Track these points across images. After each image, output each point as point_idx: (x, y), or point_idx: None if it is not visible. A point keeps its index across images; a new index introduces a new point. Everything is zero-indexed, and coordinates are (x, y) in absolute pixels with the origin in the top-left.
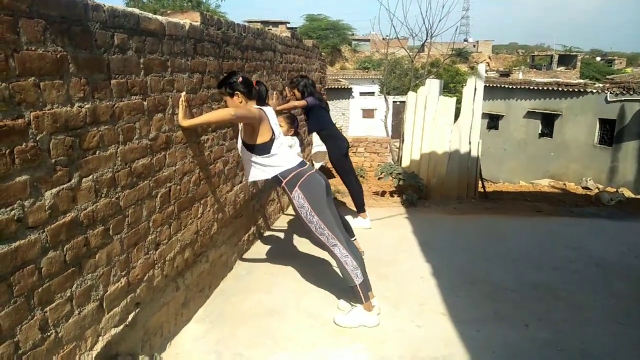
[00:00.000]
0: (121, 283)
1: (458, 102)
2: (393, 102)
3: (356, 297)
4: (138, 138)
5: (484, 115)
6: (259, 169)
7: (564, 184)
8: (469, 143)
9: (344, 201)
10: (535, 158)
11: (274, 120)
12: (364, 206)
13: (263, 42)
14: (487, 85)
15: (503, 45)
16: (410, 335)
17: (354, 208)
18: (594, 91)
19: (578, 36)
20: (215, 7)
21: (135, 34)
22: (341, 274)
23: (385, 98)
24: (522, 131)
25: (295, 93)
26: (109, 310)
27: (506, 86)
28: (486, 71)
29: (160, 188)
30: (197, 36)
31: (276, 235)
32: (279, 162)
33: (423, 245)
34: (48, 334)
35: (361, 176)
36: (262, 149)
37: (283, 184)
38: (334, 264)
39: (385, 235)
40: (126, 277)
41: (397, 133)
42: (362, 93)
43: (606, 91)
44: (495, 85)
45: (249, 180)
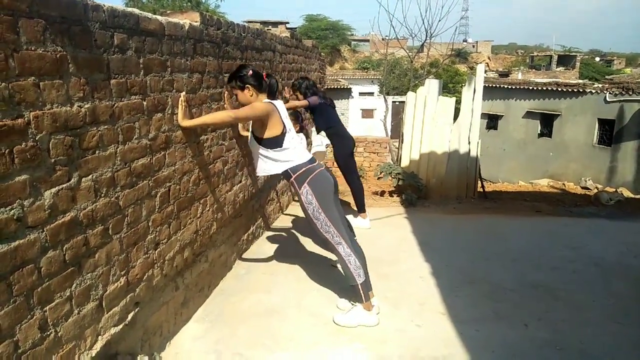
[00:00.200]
0: (120, 282)
1: (457, 102)
2: (392, 102)
3: (357, 296)
4: (137, 138)
5: (483, 115)
6: (270, 163)
7: (563, 184)
8: (468, 143)
9: (348, 201)
10: (534, 158)
11: (285, 113)
12: (365, 206)
13: (262, 43)
14: (487, 85)
15: (502, 45)
16: (410, 334)
17: (354, 207)
18: (593, 91)
19: (577, 36)
20: (214, 7)
21: (134, 34)
22: (343, 273)
23: (384, 98)
24: (522, 131)
25: (297, 96)
26: (109, 309)
27: (505, 86)
28: (485, 71)
29: (159, 188)
30: (197, 36)
31: (276, 234)
32: (290, 157)
33: (422, 245)
34: (47, 334)
35: (361, 176)
36: (274, 143)
37: (292, 179)
38: (334, 263)
39: (384, 235)
40: (125, 277)
41: (397, 133)
42: (362, 93)
43: (605, 91)
44: (494, 85)
45: (258, 174)
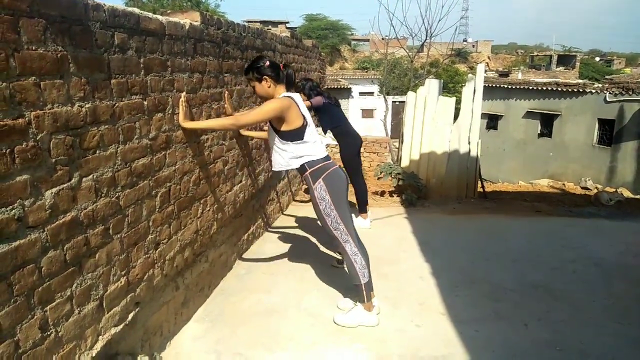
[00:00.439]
0: (121, 282)
1: (457, 102)
2: (392, 102)
3: (359, 296)
4: (138, 138)
5: (483, 115)
6: (288, 157)
7: (563, 184)
8: (468, 143)
9: (352, 201)
10: (534, 158)
11: (303, 106)
12: (366, 207)
13: (263, 42)
14: (487, 85)
15: (502, 45)
16: (409, 334)
17: (355, 207)
18: (593, 91)
19: (577, 36)
20: (214, 7)
21: (135, 34)
22: (348, 271)
23: (384, 98)
24: (521, 131)
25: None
26: (109, 309)
27: (505, 86)
28: (485, 71)
29: (160, 188)
30: (197, 36)
31: (276, 235)
32: (309, 151)
33: (422, 245)
34: (48, 333)
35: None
36: (294, 135)
37: (307, 173)
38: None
39: (384, 235)
40: (126, 277)
41: (397, 133)
42: (362, 93)
43: (605, 91)
44: (494, 85)
45: (275, 169)
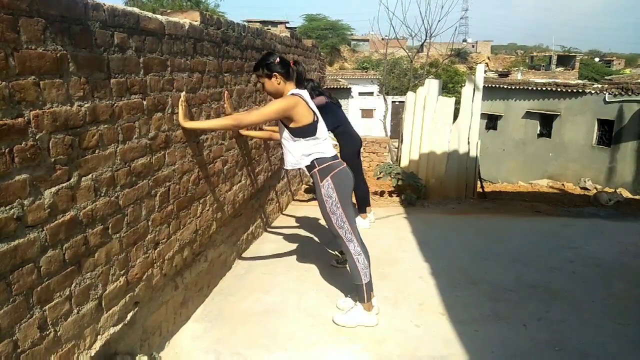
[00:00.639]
0: (120, 282)
1: (457, 103)
2: (392, 102)
3: (359, 296)
4: (137, 137)
5: (483, 115)
6: (299, 155)
7: (563, 185)
8: (468, 143)
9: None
10: (533, 158)
11: (312, 103)
12: (366, 207)
13: (262, 42)
14: (486, 85)
15: (502, 45)
16: (409, 334)
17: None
18: (593, 92)
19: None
20: (214, 7)
21: (135, 34)
22: (350, 270)
23: (384, 98)
24: (521, 131)
25: None
26: (108, 309)
27: (505, 86)
28: (485, 71)
29: (159, 187)
30: (197, 36)
31: (275, 234)
32: (320, 149)
33: (422, 245)
34: (47, 333)
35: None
36: (305, 132)
37: (315, 170)
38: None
39: (384, 235)
40: (125, 276)
41: (396, 133)
42: (361, 93)
43: (605, 92)
44: (494, 85)
45: (287, 167)
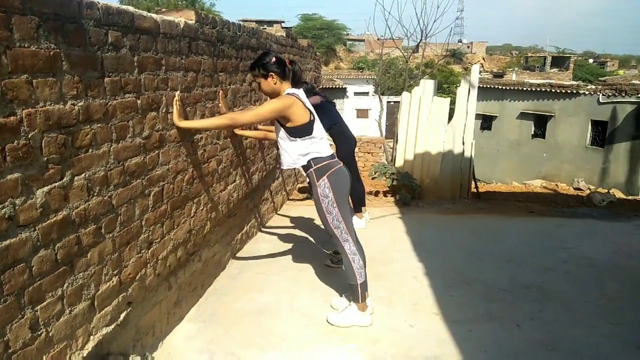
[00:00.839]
0: (113, 282)
1: (452, 103)
2: (387, 102)
3: (354, 296)
4: (131, 136)
5: (478, 116)
6: (295, 155)
7: (556, 185)
8: (463, 143)
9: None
10: (528, 159)
11: (308, 102)
12: (362, 207)
13: (258, 41)
14: (481, 86)
15: (497, 46)
16: (403, 334)
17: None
18: (587, 93)
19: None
20: (210, 6)
21: (129, 32)
22: (345, 270)
23: (379, 98)
24: (515, 132)
25: None
26: (101, 309)
27: (500, 87)
28: (480, 72)
29: (153, 187)
30: (192, 35)
31: (269, 234)
32: (317, 148)
33: (416, 245)
34: (38, 333)
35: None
36: (302, 131)
37: (312, 170)
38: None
39: (378, 235)
40: (118, 276)
41: (391, 133)
42: (357, 93)
43: (598, 93)
44: (488, 86)
45: (283, 167)
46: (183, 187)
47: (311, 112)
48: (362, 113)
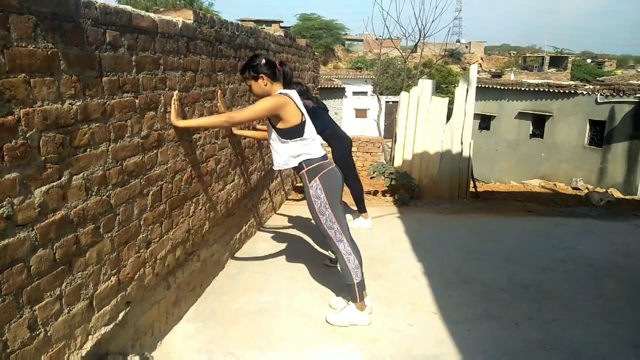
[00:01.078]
0: (111, 282)
1: (450, 103)
2: (386, 102)
3: (351, 295)
4: (129, 136)
5: (476, 115)
6: (287, 156)
7: (554, 185)
8: (461, 143)
9: (344, 200)
10: (526, 158)
11: (301, 103)
12: (365, 207)
13: (256, 41)
14: (479, 86)
15: (495, 46)
16: (402, 334)
17: (353, 207)
18: (585, 93)
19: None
20: (208, 5)
21: (127, 32)
22: (341, 271)
23: (378, 98)
24: (514, 132)
25: None
26: (99, 309)
27: (498, 87)
28: (478, 72)
29: (151, 186)
30: (190, 34)
31: (268, 234)
32: (308, 150)
33: (415, 244)
34: (37, 333)
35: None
36: (294, 132)
37: (303, 171)
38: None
39: (377, 234)
40: (117, 276)
41: (390, 133)
42: (355, 93)
43: (596, 93)
44: (487, 86)
45: (276, 168)
46: (182, 187)
47: (303, 114)
48: (361, 113)
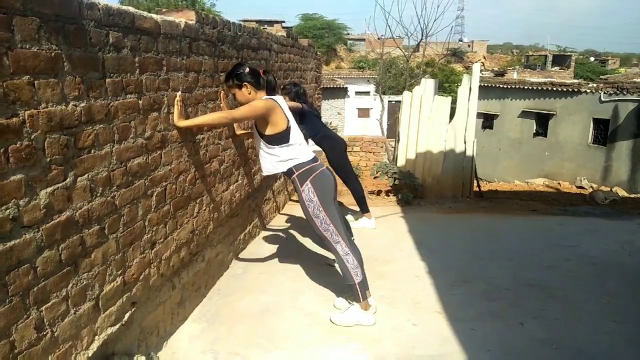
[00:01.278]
0: (117, 282)
1: (453, 102)
2: (388, 102)
3: (354, 296)
4: (133, 137)
5: (479, 114)
6: (275, 162)
7: (558, 183)
8: (464, 142)
9: (342, 201)
10: (529, 157)
11: (287, 108)
12: (367, 206)
13: (258, 41)
14: (482, 85)
15: (498, 45)
16: (406, 333)
17: (354, 208)
18: (588, 91)
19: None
20: (210, 6)
21: (130, 33)
22: (341, 272)
23: (380, 98)
24: (517, 131)
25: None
26: (105, 309)
27: (501, 86)
28: (481, 71)
29: (155, 187)
30: (193, 35)
31: (272, 234)
32: (296, 155)
33: (418, 244)
34: (44, 334)
35: (357, 175)
36: (280, 139)
37: (294, 176)
38: (330, 262)
39: (381, 234)
40: (122, 277)
41: (393, 132)
42: (358, 92)
43: (600, 91)
44: (490, 84)
45: (264, 173)
46: (185, 188)
47: (288, 120)
48: (364, 112)
